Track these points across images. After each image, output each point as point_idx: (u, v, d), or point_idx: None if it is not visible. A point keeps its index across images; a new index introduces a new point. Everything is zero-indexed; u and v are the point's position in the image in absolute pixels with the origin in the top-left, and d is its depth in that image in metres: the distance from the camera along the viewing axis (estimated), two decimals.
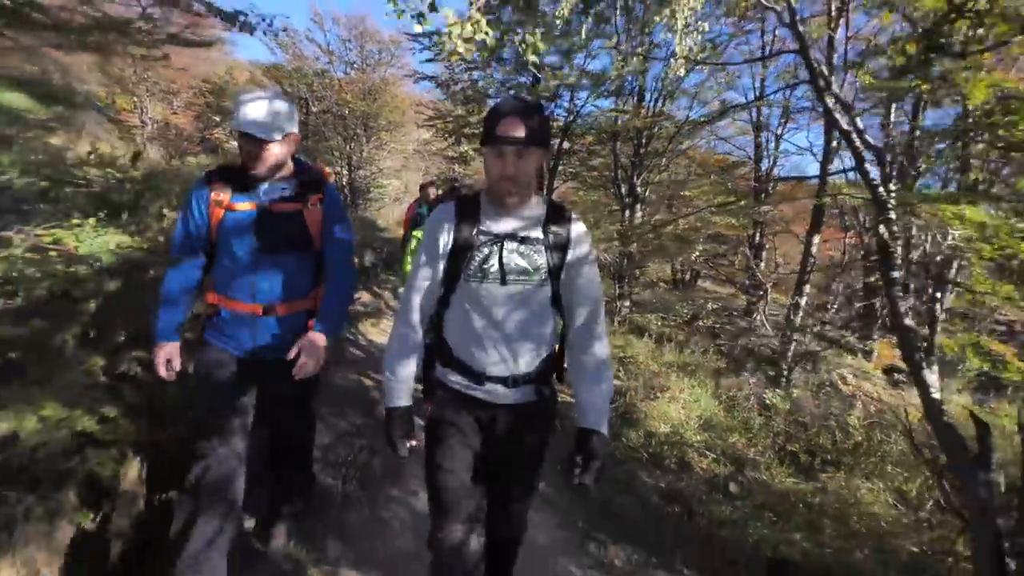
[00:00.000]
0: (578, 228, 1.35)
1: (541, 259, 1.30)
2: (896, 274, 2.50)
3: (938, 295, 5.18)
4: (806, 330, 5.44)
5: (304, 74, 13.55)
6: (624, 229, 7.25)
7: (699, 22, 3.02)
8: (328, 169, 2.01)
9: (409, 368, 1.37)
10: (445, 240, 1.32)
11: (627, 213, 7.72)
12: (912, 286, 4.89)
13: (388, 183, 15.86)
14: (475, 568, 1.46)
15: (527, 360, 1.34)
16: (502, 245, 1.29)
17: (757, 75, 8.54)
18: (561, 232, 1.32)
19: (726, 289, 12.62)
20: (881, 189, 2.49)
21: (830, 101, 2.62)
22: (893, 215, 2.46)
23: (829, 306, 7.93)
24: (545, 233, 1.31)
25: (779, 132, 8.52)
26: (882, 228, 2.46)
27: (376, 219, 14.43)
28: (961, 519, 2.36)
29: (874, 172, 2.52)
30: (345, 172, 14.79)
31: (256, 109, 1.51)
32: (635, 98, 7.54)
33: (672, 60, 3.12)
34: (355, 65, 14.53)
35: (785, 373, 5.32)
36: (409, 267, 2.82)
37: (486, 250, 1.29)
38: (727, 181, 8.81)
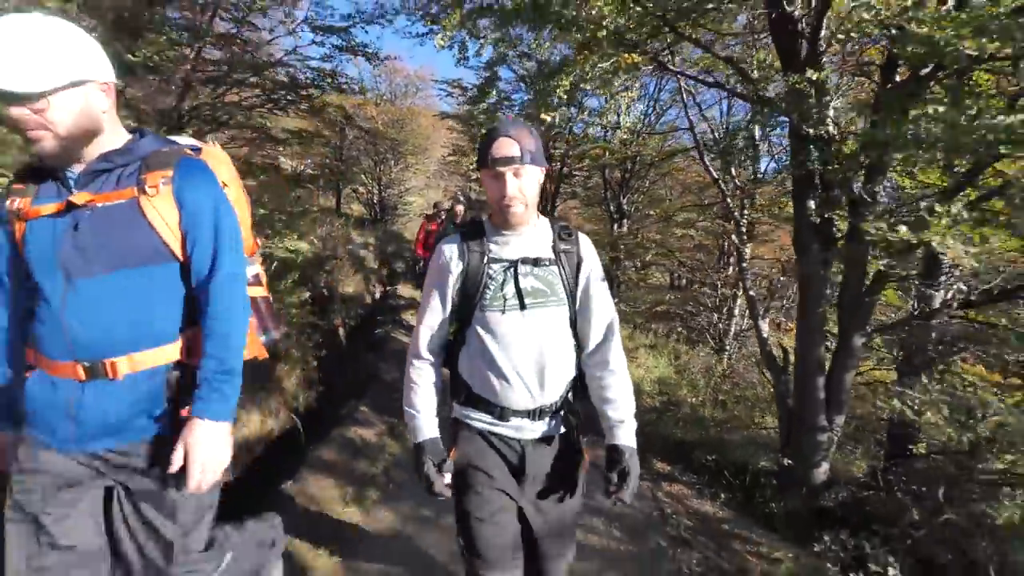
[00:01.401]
0: (586, 244, 1.34)
1: (556, 279, 1.27)
2: (745, 264, 4.18)
3: None
4: (742, 314, 7.07)
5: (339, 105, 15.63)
6: (612, 239, 8.97)
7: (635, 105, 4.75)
8: (211, 143, 1.36)
9: (430, 401, 1.31)
10: (454, 273, 1.28)
11: (615, 226, 9.44)
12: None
13: (413, 200, 17.85)
14: None
15: (553, 389, 1.28)
16: (516, 269, 1.25)
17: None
18: (572, 250, 1.31)
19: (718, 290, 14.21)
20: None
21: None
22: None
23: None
24: (556, 252, 1.28)
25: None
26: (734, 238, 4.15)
27: (403, 231, 16.42)
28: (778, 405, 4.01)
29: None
30: (376, 191, 16.86)
31: (5, 48, 0.89)
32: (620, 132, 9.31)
33: (618, 129, 4.85)
34: (385, 96, 16.67)
35: (727, 348, 6.92)
36: None
37: (500, 277, 1.25)
38: (704, 199, 10.44)
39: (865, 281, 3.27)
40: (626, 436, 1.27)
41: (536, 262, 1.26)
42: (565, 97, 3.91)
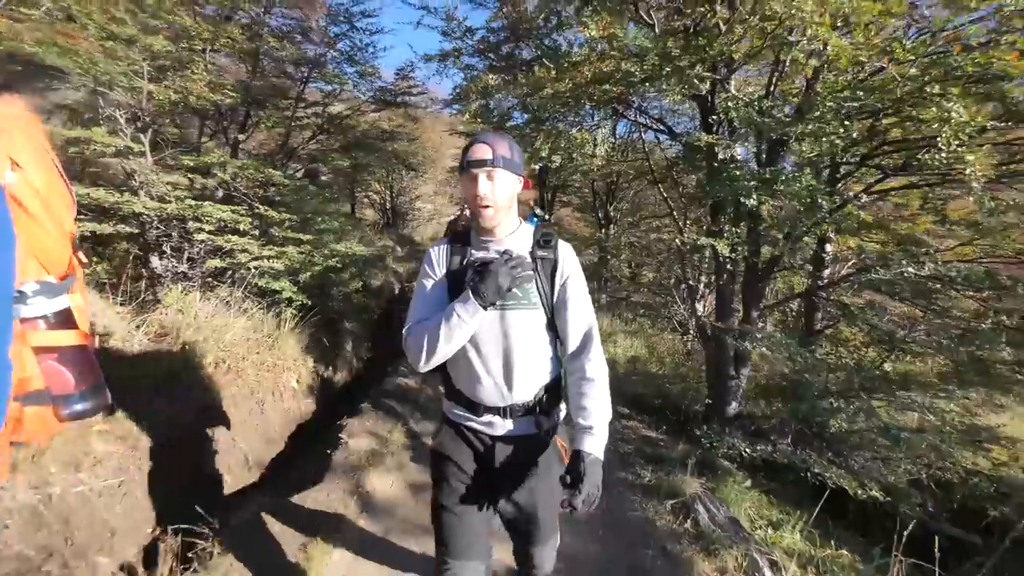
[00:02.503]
0: (565, 251, 1.36)
1: (530, 284, 1.30)
2: (685, 260, 5.57)
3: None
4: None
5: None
6: (599, 242, 10.37)
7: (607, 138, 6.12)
8: None
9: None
10: (439, 275, 1.34)
11: (603, 231, 10.85)
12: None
13: (423, 207, 19.35)
14: None
15: (523, 389, 1.33)
16: None
17: None
18: (548, 256, 1.33)
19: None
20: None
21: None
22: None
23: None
24: (533, 259, 1.31)
25: None
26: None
27: (413, 235, 17.93)
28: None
29: None
30: (388, 197, 18.32)
31: None
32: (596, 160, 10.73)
33: (595, 157, 6.25)
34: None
35: (691, 331, 8.30)
36: None
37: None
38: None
39: (758, 272, 4.67)
40: (590, 444, 1.23)
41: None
42: (546, 154, 5.25)
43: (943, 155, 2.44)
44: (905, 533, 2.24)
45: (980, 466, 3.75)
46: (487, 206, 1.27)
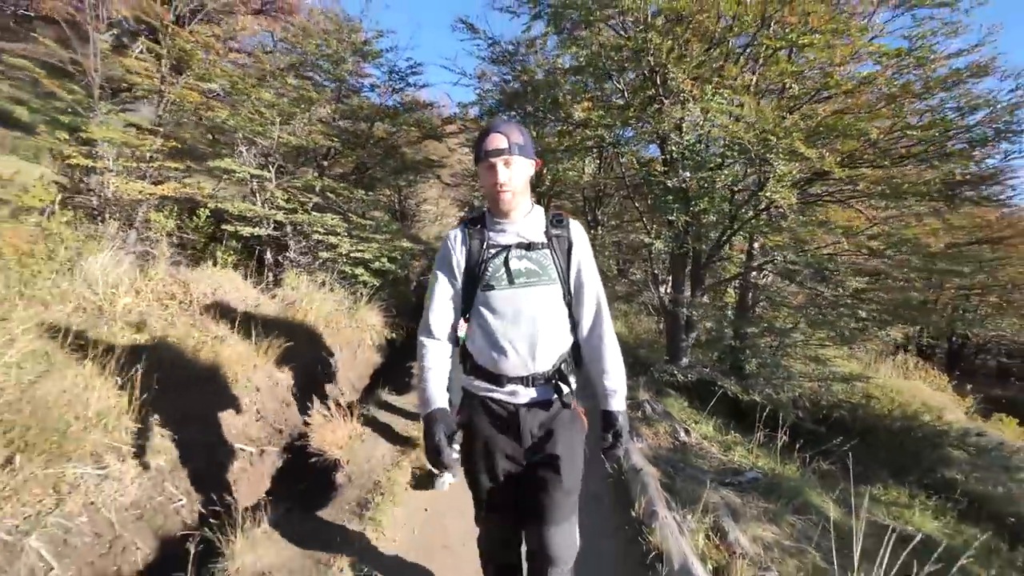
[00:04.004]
0: (576, 228, 1.49)
1: (548, 261, 1.42)
2: (652, 254, 7.37)
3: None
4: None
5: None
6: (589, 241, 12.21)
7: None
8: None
9: (441, 375, 1.44)
10: (458, 260, 1.44)
11: (592, 232, 12.68)
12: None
13: (429, 209, 21.14)
14: (516, 547, 1.59)
15: (544, 359, 1.42)
16: (508, 252, 1.41)
17: None
18: (563, 234, 1.45)
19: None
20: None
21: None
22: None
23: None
24: (548, 237, 1.43)
25: None
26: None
27: (420, 234, 19.70)
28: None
29: None
30: (397, 199, 20.06)
31: None
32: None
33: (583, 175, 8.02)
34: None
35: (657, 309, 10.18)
36: None
37: (496, 260, 1.41)
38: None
39: (701, 260, 6.49)
40: (618, 403, 1.42)
41: (529, 246, 1.41)
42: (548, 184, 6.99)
43: (768, 194, 4.23)
44: (784, 427, 4.04)
45: (836, 391, 5.60)
46: (507, 191, 1.36)
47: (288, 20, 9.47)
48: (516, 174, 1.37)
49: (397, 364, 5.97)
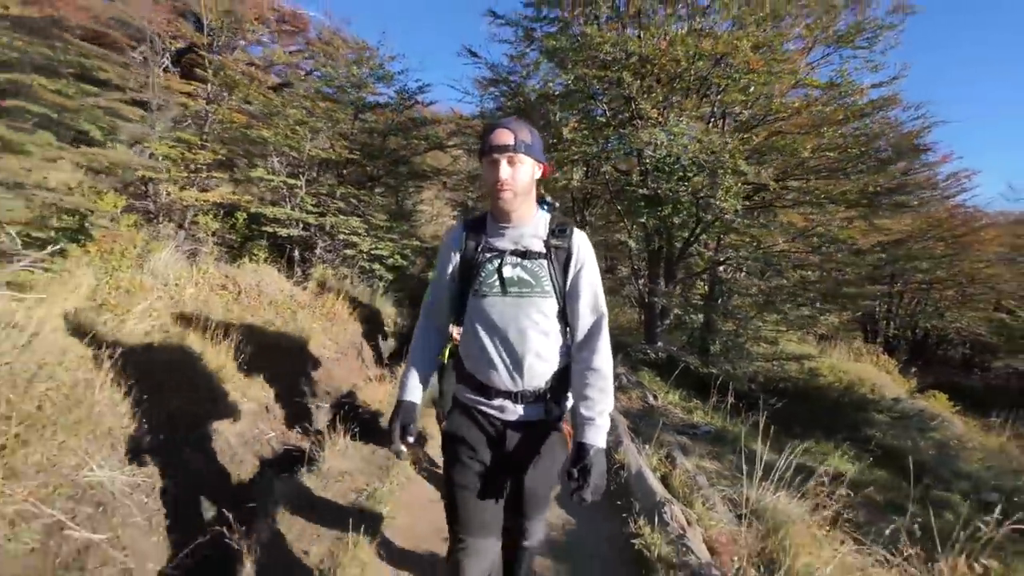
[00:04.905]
0: (579, 240, 1.38)
1: (543, 272, 1.33)
2: (632, 252, 8.36)
3: None
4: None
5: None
6: None
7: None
8: None
9: (426, 365, 1.46)
10: (455, 260, 1.40)
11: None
12: None
13: (424, 210, 22.08)
14: None
15: (534, 375, 1.35)
16: (503, 259, 1.33)
17: None
18: (563, 245, 1.35)
19: None
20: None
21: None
22: None
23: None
24: (547, 247, 1.34)
25: None
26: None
27: (416, 233, 20.68)
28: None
29: None
30: (395, 200, 20.95)
31: None
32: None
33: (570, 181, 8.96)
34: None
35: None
36: None
37: (489, 266, 1.34)
38: None
39: (673, 257, 7.48)
40: (592, 435, 1.27)
41: (525, 254, 1.34)
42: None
43: (718, 202, 5.22)
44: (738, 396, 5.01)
45: (788, 369, 6.62)
46: (507, 190, 1.29)
47: (295, 30, 10.26)
48: (519, 174, 1.31)
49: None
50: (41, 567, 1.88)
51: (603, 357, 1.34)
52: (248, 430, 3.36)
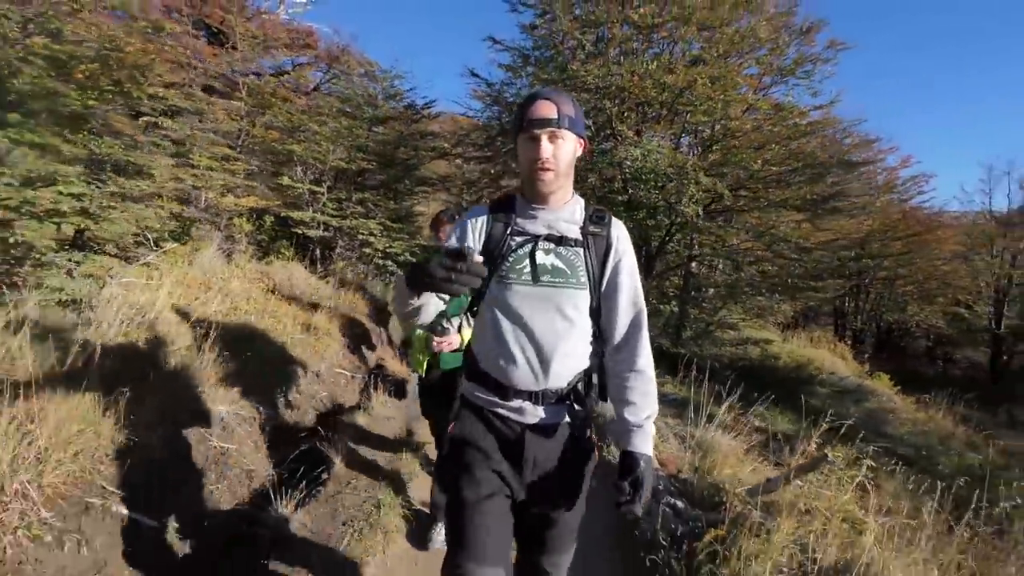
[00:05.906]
0: (619, 229, 1.27)
1: (579, 261, 1.21)
2: None
3: None
4: None
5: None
6: None
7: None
8: None
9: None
10: (475, 236, 1.25)
11: None
12: None
13: (422, 210, 23.01)
14: None
15: (560, 374, 1.21)
16: (536, 244, 1.20)
17: None
18: (601, 233, 1.23)
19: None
20: None
21: None
22: None
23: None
24: (584, 235, 1.22)
25: None
26: None
27: (418, 233, 21.70)
28: None
29: None
30: (392, 202, 21.93)
31: None
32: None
33: None
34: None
35: None
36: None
37: (520, 251, 1.21)
38: None
39: (652, 254, 8.50)
40: (642, 443, 1.17)
41: (560, 240, 1.21)
42: None
43: (683, 208, 6.23)
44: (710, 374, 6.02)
45: (750, 353, 7.68)
46: (548, 169, 1.16)
47: (308, 47, 11.12)
48: (562, 152, 1.18)
49: None
50: (201, 462, 2.81)
51: (645, 357, 1.24)
52: (309, 386, 4.28)
